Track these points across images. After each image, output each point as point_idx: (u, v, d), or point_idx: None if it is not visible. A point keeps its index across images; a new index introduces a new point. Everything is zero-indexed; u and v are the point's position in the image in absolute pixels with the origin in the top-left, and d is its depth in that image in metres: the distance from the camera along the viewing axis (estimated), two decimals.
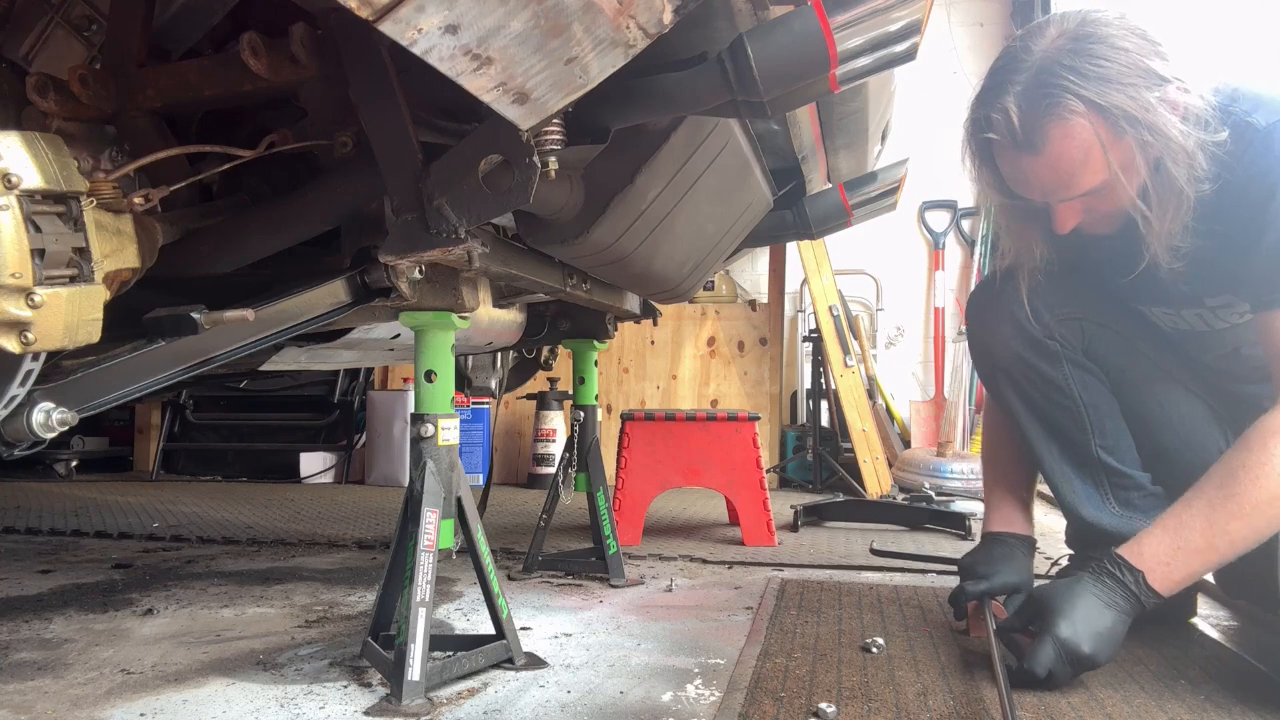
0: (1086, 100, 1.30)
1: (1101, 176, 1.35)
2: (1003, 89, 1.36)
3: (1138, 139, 1.31)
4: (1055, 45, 1.34)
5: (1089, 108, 1.31)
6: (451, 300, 1.41)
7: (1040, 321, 1.61)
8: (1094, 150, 1.33)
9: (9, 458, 1.02)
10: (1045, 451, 1.67)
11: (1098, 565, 1.37)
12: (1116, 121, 1.31)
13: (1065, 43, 1.34)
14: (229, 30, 1.39)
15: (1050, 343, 1.61)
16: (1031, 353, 1.62)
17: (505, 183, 1.08)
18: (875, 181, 2.20)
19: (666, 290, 1.87)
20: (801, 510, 3.05)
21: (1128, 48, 1.32)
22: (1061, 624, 1.31)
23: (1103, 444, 1.63)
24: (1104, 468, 1.63)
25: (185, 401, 5.07)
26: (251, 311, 1.14)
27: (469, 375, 2.65)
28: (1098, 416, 1.63)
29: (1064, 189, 1.39)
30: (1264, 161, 1.34)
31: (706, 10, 1.13)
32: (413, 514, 1.33)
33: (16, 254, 0.87)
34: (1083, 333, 1.62)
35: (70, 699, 1.29)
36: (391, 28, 0.70)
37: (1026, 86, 1.34)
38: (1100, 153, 1.33)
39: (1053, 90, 1.32)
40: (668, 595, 1.98)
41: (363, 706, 1.25)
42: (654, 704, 1.27)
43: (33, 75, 1.21)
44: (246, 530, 2.90)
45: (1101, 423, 1.63)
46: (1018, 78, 1.35)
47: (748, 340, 4.58)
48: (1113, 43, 1.33)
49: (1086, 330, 1.62)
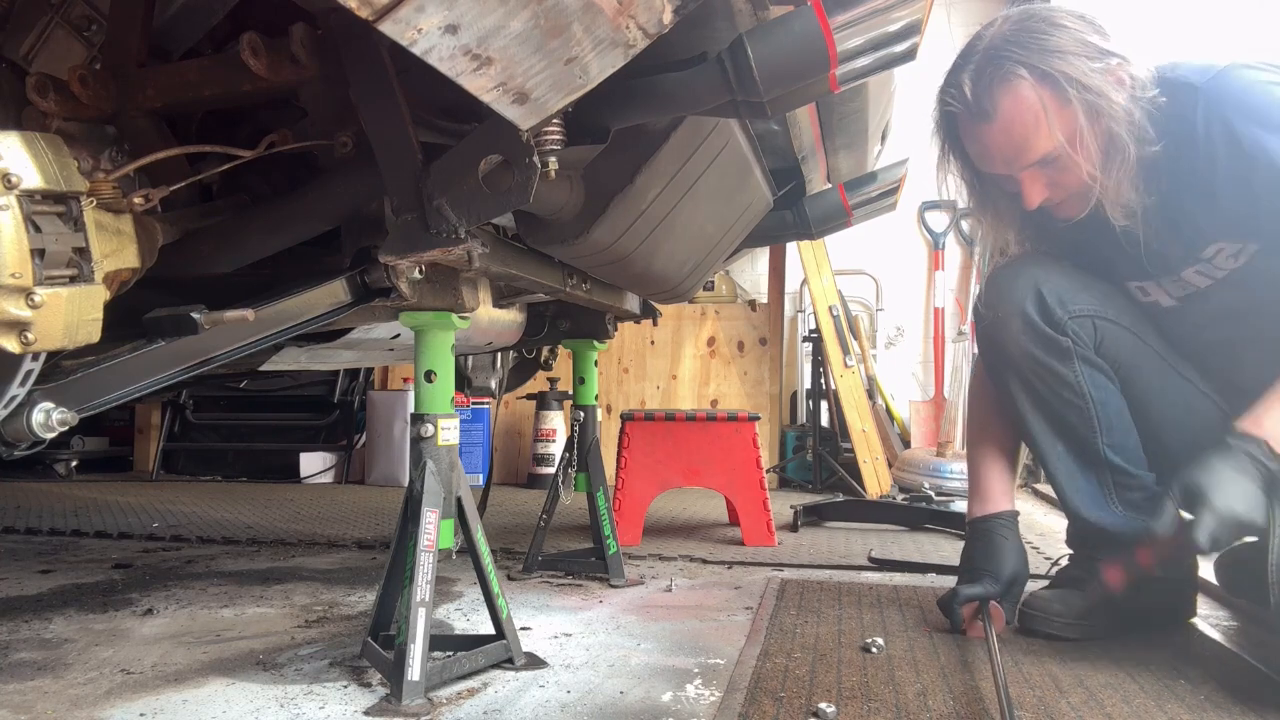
0: (1030, 67, 1.44)
1: (1052, 142, 1.45)
2: (958, 71, 1.52)
3: (1083, 103, 1.43)
4: (1002, 29, 1.49)
5: (1033, 74, 1.44)
6: (451, 300, 1.41)
7: (1052, 319, 1.61)
8: (1041, 115, 1.44)
9: (9, 458, 1.02)
10: (1050, 449, 1.67)
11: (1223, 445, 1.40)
12: (1060, 86, 1.43)
13: (1010, 25, 1.49)
14: (229, 30, 1.38)
15: (1063, 339, 1.60)
16: (1042, 350, 1.62)
17: (505, 183, 1.08)
18: (875, 181, 2.20)
19: (666, 290, 1.87)
20: (801, 510, 3.05)
21: (1069, 25, 1.46)
22: (1215, 496, 1.34)
23: (1110, 442, 1.62)
24: (1109, 466, 1.63)
25: (185, 401, 5.07)
26: (251, 311, 1.14)
27: (469, 375, 2.65)
28: (1106, 415, 1.62)
29: (1020, 155, 1.49)
30: (1213, 109, 1.42)
31: (706, 10, 1.13)
32: (413, 514, 1.33)
33: (16, 254, 0.87)
34: (1095, 329, 1.62)
35: (70, 699, 1.29)
36: (391, 28, 0.70)
37: (978, 64, 1.49)
38: (1046, 117, 1.44)
39: (1000, 61, 1.46)
40: (668, 595, 1.98)
41: (363, 706, 1.25)
42: (654, 704, 1.27)
43: (33, 75, 1.21)
44: (246, 530, 2.90)
45: (1110, 421, 1.62)
46: (971, 59, 1.51)
47: (748, 340, 4.58)
48: (1054, 21, 1.47)
49: (1099, 327, 1.62)
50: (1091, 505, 1.64)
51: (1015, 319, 1.64)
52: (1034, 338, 1.62)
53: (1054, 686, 1.34)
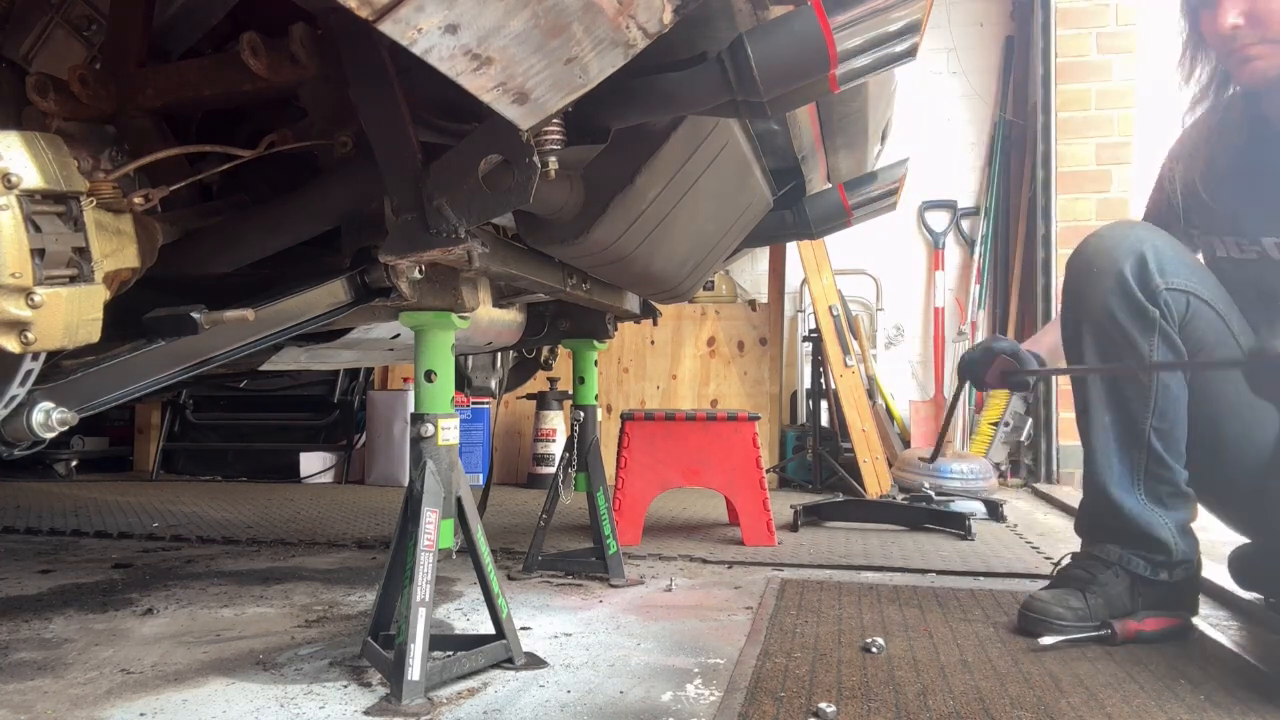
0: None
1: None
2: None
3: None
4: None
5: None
6: (451, 300, 1.41)
7: (1148, 286, 1.58)
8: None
9: (9, 458, 1.02)
10: (1097, 417, 1.66)
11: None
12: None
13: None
14: (229, 30, 1.38)
15: (1152, 309, 1.58)
16: (1127, 315, 1.60)
17: (505, 183, 1.08)
18: (875, 181, 2.20)
19: (666, 290, 1.87)
20: (801, 510, 3.05)
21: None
22: None
23: (1158, 426, 1.61)
24: (1149, 451, 1.62)
25: (185, 401, 5.07)
26: (251, 311, 1.14)
27: (469, 375, 2.65)
28: (1165, 398, 1.61)
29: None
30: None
31: (706, 10, 1.13)
32: (413, 514, 1.33)
33: (16, 254, 0.87)
34: (1188, 306, 1.60)
35: (70, 699, 1.29)
36: (391, 28, 0.70)
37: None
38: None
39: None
40: (668, 595, 1.98)
41: (363, 706, 1.25)
42: (654, 704, 1.27)
43: (33, 75, 1.21)
44: (246, 530, 2.90)
45: (1165, 405, 1.61)
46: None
47: (748, 340, 4.58)
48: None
49: (1192, 305, 1.60)
50: (1118, 484, 1.63)
51: (1109, 277, 1.61)
52: (1123, 300, 1.60)
53: (1054, 686, 1.34)
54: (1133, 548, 1.64)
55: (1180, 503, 1.64)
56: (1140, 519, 1.62)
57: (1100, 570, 1.64)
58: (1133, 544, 1.64)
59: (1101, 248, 1.65)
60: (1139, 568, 1.63)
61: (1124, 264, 1.60)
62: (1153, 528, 1.62)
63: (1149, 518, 1.62)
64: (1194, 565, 1.67)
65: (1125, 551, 1.64)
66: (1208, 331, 1.61)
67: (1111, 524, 1.65)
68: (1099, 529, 1.69)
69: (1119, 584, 1.63)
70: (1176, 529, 1.63)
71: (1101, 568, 1.65)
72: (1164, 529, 1.62)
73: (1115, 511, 1.64)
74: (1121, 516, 1.63)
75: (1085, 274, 1.65)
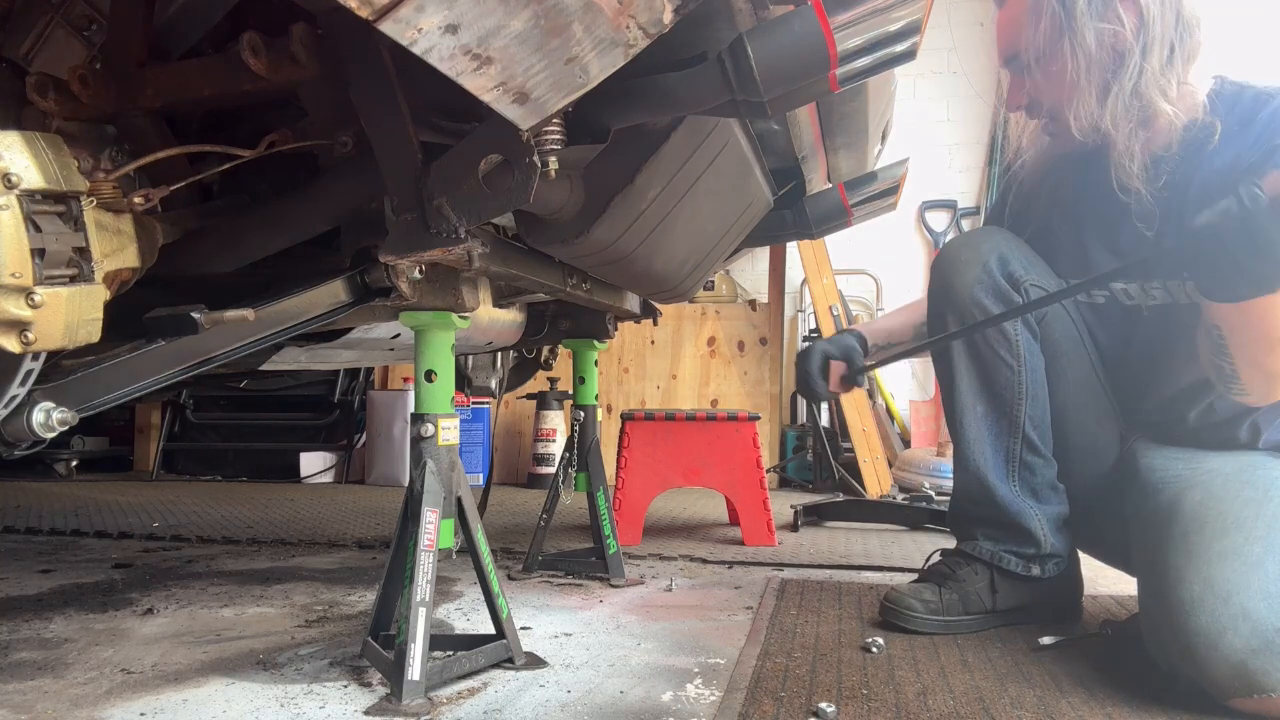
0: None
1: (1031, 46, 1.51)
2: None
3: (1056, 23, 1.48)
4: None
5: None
6: (451, 300, 1.41)
7: (1012, 277, 1.62)
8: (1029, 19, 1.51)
9: (9, 457, 1.02)
10: (969, 407, 1.68)
11: None
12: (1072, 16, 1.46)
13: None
14: (229, 30, 1.38)
15: (1015, 295, 1.62)
16: (992, 300, 1.63)
17: (505, 183, 1.08)
18: (875, 181, 2.20)
19: (667, 290, 1.87)
20: (801, 510, 3.05)
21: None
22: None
23: (1031, 414, 1.64)
24: (1024, 439, 1.64)
25: (185, 401, 5.07)
26: (251, 311, 1.14)
27: (469, 375, 2.65)
28: (1033, 385, 1.64)
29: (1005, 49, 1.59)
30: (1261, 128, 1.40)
31: (706, 10, 1.13)
32: (413, 513, 1.33)
33: (16, 254, 0.87)
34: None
35: (70, 698, 1.29)
36: (391, 27, 0.70)
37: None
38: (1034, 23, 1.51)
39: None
40: (668, 595, 1.98)
41: (363, 706, 1.25)
42: (654, 704, 1.27)
43: (33, 75, 1.22)
44: (246, 530, 2.90)
45: (1035, 392, 1.64)
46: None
47: (748, 340, 4.58)
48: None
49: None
50: (993, 470, 1.65)
51: (975, 266, 1.65)
52: (989, 288, 1.63)
53: (1054, 686, 1.34)
54: (1003, 541, 1.65)
55: (1054, 495, 1.66)
56: (1011, 507, 1.64)
57: (960, 566, 1.67)
58: (1003, 536, 1.65)
59: (967, 243, 1.73)
60: (1010, 564, 1.64)
61: (989, 257, 1.64)
62: (1022, 517, 1.64)
63: (1019, 506, 1.64)
64: (1065, 561, 1.68)
65: (996, 548, 1.66)
66: (1063, 335, 1.66)
67: (985, 512, 1.67)
68: (970, 519, 1.70)
69: (978, 580, 1.65)
70: (1048, 523, 1.65)
71: (963, 563, 1.67)
72: (1034, 520, 1.64)
73: (989, 499, 1.65)
74: (995, 504, 1.64)
75: (951, 267, 1.69)
